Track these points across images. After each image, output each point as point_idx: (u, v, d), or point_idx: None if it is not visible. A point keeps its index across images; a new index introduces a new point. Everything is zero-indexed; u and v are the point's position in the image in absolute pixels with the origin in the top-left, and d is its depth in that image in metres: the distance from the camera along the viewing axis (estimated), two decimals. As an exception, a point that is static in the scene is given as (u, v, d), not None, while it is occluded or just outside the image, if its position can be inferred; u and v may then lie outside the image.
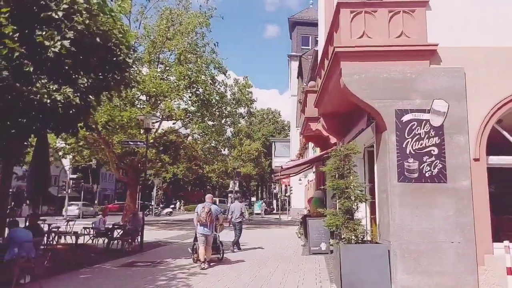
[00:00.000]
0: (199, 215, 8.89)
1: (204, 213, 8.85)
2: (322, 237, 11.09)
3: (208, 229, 8.92)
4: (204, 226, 8.88)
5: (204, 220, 8.80)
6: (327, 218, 6.92)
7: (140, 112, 18.83)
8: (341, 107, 8.81)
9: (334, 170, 6.90)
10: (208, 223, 8.84)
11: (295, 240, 15.67)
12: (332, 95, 8.00)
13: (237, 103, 25.38)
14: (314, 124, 11.49)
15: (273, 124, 62.78)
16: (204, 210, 8.90)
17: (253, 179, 60.23)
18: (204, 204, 9.16)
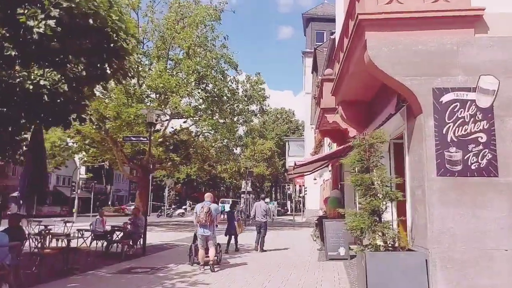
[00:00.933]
0: (198, 215, 8.35)
1: (203, 213, 8.29)
2: (341, 241, 9.96)
3: (209, 230, 8.39)
4: (204, 227, 8.36)
5: (203, 221, 8.26)
6: (348, 220, 5.82)
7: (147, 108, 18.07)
8: (364, 92, 7.71)
9: (356, 162, 5.80)
10: (208, 224, 8.30)
11: (310, 243, 14.56)
12: (353, 77, 6.91)
13: (249, 100, 24.42)
14: (331, 116, 10.39)
15: (287, 124, 61.57)
16: (203, 210, 8.34)
17: (266, 180, 59.08)
18: (203, 203, 8.58)
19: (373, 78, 6.01)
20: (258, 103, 25.08)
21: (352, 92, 7.88)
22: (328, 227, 10.14)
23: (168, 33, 19.75)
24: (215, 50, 20.63)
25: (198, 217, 8.34)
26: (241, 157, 29.51)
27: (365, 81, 6.73)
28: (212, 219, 8.33)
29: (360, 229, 5.41)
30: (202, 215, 8.27)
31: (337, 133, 12.53)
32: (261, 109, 25.58)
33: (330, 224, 10.16)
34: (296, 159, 18.12)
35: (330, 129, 12.68)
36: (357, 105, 8.39)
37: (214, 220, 8.44)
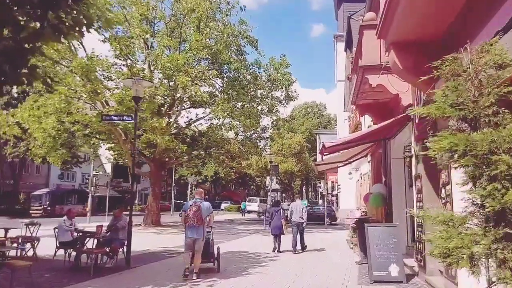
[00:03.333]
0: (186, 215, 7.31)
1: (192, 212, 7.24)
2: (392, 255, 6.88)
3: (197, 231, 7.28)
4: (192, 228, 7.26)
5: (192, 221, 7.22)
6: (432, 236, 2.76)
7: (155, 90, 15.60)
8: (432, 22, 4.66)
9: (449, 110, 2.73)
10: (197, 224, 7.22)
11: (345, 251, 11.52)
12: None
13: (273, 85, 21.54)
14: (374, 77, 7.34)
15: (318, 118, 58.04)
16: (192, 208, 7.29)
17: (296, 177, 55.81)
18: (193, 200, 7.57)
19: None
20: (284, 88, 22.18)
21: (412, 23, 4.86)
22: (372, 235, 7.10)
23: (176, 6, 17.23)
24: (231, 25, 17.89)
25: (186, 217, 7.25)
26: (266, 151, 26.54)
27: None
28: (201, 218, 7.20)
29: (469, 255, 2.38)
30: (191, 215, 7.19)
31: (382, 107, 9.43)
32: (287, 95, 22.64)
33: (376, 231, 7.12)
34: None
35: (372, 102, 9.60)
36: (418, 46, 5.33)
37: (204, 221, 7.27)
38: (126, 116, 9.61)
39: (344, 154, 12.65)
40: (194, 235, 7.24)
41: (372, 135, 8.14)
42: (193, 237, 7.24)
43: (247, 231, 20.35)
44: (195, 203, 7.35)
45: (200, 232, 7.28)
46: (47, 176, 44.57)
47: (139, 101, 9.24)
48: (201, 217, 7.21)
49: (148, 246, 12.36)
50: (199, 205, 7.29)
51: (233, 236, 17.19)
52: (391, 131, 8.56)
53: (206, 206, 7.40)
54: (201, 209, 7.23)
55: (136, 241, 14.17)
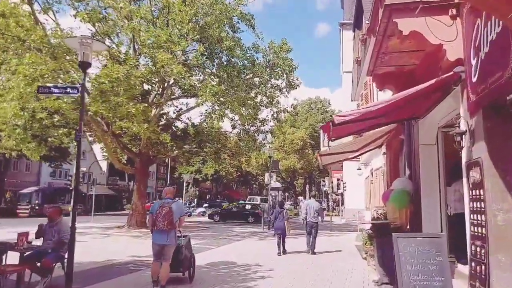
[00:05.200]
0: (154, 217, 6.28)
1: (161, 214, 6.22)
2: (436, 282, 4.57)
3: (167, 237, 6.25)
4: (161, 233, 6.24)
5: (161, 225, 6.18)
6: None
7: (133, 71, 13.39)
8: None
9: None
10: (167, 228, 6.18)
11: (357, 263, 9.25)
12: None
13: (272, 71, 19.28)
14: (407, 22, 5.05)
15: (322, 114, 55.52)
16: (162, 210, 6.26)
17: (299, 175, 53.37)
18: (162, 201, 6.53)
19: None
20: (284, 76, 19.92)
21: None
22: (404, 250, 4.80)
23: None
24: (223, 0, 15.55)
25: (153, 219, 6.27)
26: (266, 146, 24.25)
27: None
28: (173, 222, 6.22)
29: None
30: (159, 217, 6.20)
31: (408, 76, 7.14)
32: (288, 83, 20.37)
33: (410, 245, 4.83)
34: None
35: (395, 71, 7.31)
36: None
37: (175, 224, 6.27)
38: (70, 88, 7.41)
39: (354, 143, 10.36)
40: (163, 241, 6.24)
41: (398, 108, 5.82)
42: (162, 243, 6.25)
43: (242, 233, 18.12)
44: (165, 203, 6.33)
45: (171, 237, 6.30)
46: (38, 174, 42.57)
47: (88, 68, 6.99)
48: (172, 220, 6.20)
49: (115, 255, 10.17)
50: (170, 206, 6.29)
51: (225, 240, 14.96)
52: (423, 103, 6.26)
53: (177, 206, 6.43)
54: (172, 211, 6.21)
55: (104, 248, 12.02)
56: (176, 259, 6.67)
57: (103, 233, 16.49)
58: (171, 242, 6.29)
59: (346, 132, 6.97)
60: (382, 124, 7.51)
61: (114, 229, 18.23)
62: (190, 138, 21.31)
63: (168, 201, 6.40)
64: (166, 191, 6.80)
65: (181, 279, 7.01)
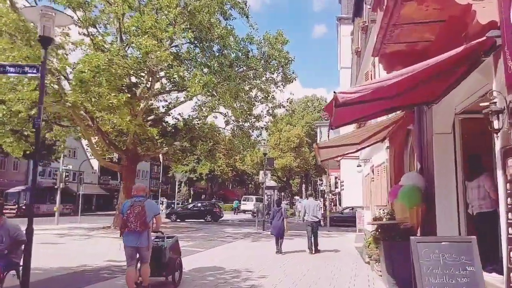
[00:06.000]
0: (125, 217, 5.59)
1: (133, 214, 5.54)
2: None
3: (140, 239, 5.59)
4: (133, 235, 5.57)
5: (133, 226, 5.51)
6: None
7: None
8: None
9: None
10: (140, 229, 5.52)
11: (357, 266, 8.32)
12: None
13: (267, 62, 18.33)
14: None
15: (319, 112, 54.55)
16: (133, 209, 5.58)
17: (295, 174, 52.34)
18: (133, 199, 5.76)
19: None
20: (280, 70, 18.98)
21: None
22: (426, 257, 3.83)
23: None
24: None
25: (124, 220, 5.63)
26: (261, 143, 23.29)
27: None
28: (146, 223, 5.59)
29: None
30: (131, 217, 5.54)
31: (421, 55, 6.17)
32: (284, 76, 19.42)
33: (433, 251, 3.85)
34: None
35: (406, 49, 6.36)
36: None
37: (148, 224, 5.66)
38: (29, 67, 6.37)
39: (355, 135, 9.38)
40: (135, 243, 5.65)
41: (413, 85, 4.85)
42: (134, 246, 5.67)
43: (235, 234, 17.13)
44: (137, 202, 5.70)
45: (144, 239, 5.68)
46: (26, 173, 41.33)
47: (49, 44, 5.99)
48: (145, 220, 5.59)
49: (92, 259, 9.16)
50: (143, 204, 5.67)
51: (216, 242, 13.97)
52: (442, 82, 5.31)
53: (151, 205, 5.86)
54: (145, 210, 5.61)
55: (82, 251, 10.59)
56: (159, 262, 6.16)
57: (86, 234, 15.45)
58: (144, 243, 5.70)
59: (349, 117, 6.00)
60: (390, 109, 6.56)
61: (99, 230, 17.19)
62: (181, 135, 20.34)
63: (140, 199, 5.76)
64: (136, 189, 6.06)
65: (165, 284, 6.40)
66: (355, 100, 4.41)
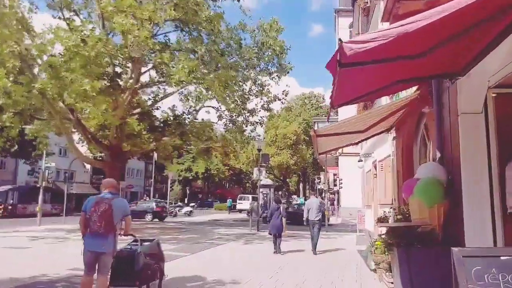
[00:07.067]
0: (88, 217, 4.87)
1: (96, 213, 4.82)
2: None
3: (103, 242, 4.82)
4: (95, 237, 4.81)
5: (96, 226, 4.78)
6: None
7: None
8: None
9: None
10: (103, 231, 4.79)
11: (362, 275, 7.10)
12: None
13: (260, 50, 17.11)
14: None
15: (316, 110, 53.43)
16: (99, 207, 4.86)
17: (293, 172, 51.06)
18: (99, 196, 5.11)
19: None
20: (275, 57, 17.75)
21: None
22: (480, 278, 2.58)
23: None
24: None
25: (85, 219, 4.87)
26: (256, 139, 22.03)
27: None
28: (112, 224, 4.83)
29: None
30: (94, 216, 4.79)
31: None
32: (280, 66, 18.18)
33: (488, 267, 2.60)
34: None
35: (422, 8, 5.09)
36: None
37: (115, 225, 4.89)
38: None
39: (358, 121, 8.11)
40: (98, 248, 4.88)
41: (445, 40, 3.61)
42: (95, 251, 4.90)
43: (227, 235, 15.87)
44: (103, 199, 4.98)
45: (109, 243, 4.91)
46: (14, 172, 39.97)
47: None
48: (111, 220, 4.88)
49: (53, 267, 7.86)
50: (110, 202, 4.92)
51: (204, 244, 12.70)
52: (476, 42, 4.06)
53: (119, 204, 5.04)
54: (112, 209, 4.88)
55: (47, 257, 8.88)
56: (131, 269, 5.27)
57: (62, 237, 14.15)
58: (108, 249, 4.91)
59: (354, 92, 4.73)
60: (404, 82, 5.27)
61: (79, 232, 15.87)
62: (170, 130, 19.09)
63: (108, 196, 5.01)
64: (106, 184, 5.26)
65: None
66: (367, 55, 3.13)
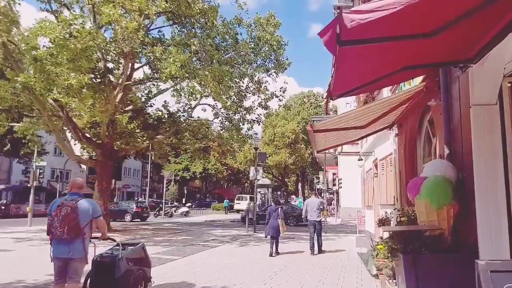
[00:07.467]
0: (50, 220, 4.50)
1: (59, 216, 4.40)
2: None
3: (71, 248, 4.42)
4: (60, 243, 4.43)
5: (58, 232, 4.36)
6: None
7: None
8: None
9: None
10: (68, 237, 4.37)
11: (363, 280, 6.58)
12: None
13: (257, 45, 16.60)
14: None
15: (315, 108, 52.91)
16: (61, 210, 4.41)
17: (291, 172, 50.51)
18: (64, 198, 4.66)
19: None
20: (272, 53, 17.25)
21: None
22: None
23: None
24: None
25: (48, 224, 4.52)
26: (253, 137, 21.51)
27: None
28: (78, 228, 4.40)
29: None
30: (56, 221, 4.37)
31: None
32: (277, 62, 17.67)
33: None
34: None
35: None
36: None
37: (84, 231, 4.48)
38: None
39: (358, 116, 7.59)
40: (65, 254, 4.46)
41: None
42: (63, 257, 4.48)
43: (222, 237, 15.34)
44: (67, 201, 4.52)
45: (77, 248, 4.47)
46: (8, 172, 39.43)
47: None
48: (76, 224, 4.41)
49: (30, 273, 7.33)
50: (74, 205, 4.50)
51: (197, 247, 12.17)
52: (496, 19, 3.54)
53: (87, 206, 4.61)
54: (77, 212, 4.45)
55: (29, 260, 8.16)
56: (110, 277, 4.88)
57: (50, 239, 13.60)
58: (76, 255, 4.48)
59: (355, 79, 4.21)
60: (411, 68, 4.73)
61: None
62: (163, 128, 18.56)
63: (73, 198, 4.60)
64: (72, 184, 4.84)
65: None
66: (372, 28, 2.61)
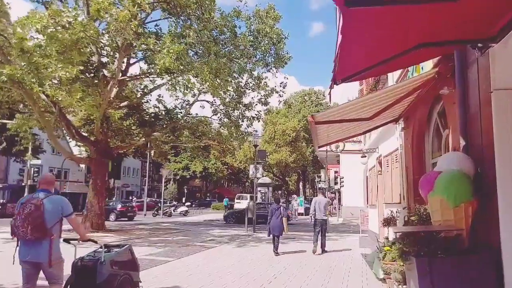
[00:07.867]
0: (14, 220, 4.06)
1: (21, 216, 3.97)
2: None
3: (37, 250, 3.99)
4: (27, 245, 4.02)
5: (21, 232, 3.96)
6: None
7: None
8: None
9: None
10: (32, 237, 3.94)
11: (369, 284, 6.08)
12: None
13: (256, 39, 16.09)
14: None
15: (316, 106, 52.35)
16: (23, 209, 3.99)
17: (292, 171, 49.96)
18: (30, 195, 4.33)
19: None
20: (272, 46, 16.74)
21: None
22: None
23: None
24: None
25: (11, 224, 4.08)
26: (252, 134, 21.02)
27: None
28: (44, 228, 3.96)
29: None
30: (18, 220, 3.96)
31: None
32: (277, 56, 17.16)
33: None
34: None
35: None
36: None
37: (51, 231, 4.02)
38: None
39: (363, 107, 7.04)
40: (33, 257, 3.98)
41: None
42: (30, 261, 4.00)
43: (220, 237, 14.84)
44: (31, 199, 4.07)
45: (44, 250, 3.95)
46: (5, 171, 38.95)
47: None
48: (40, 224, 3.91)
49: (14, 277, 6.82)
50: (39, 202, 4.00)
51: (193, 248, 11.67)
52: None
53: (55, 203, 4.10)
54: (42, 210, 3.95)
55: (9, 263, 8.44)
56: (92, 281, 4.42)
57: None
58: (44, 257, 3.99)
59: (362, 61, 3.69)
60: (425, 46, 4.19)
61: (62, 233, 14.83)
62: (160, 124, 18.08)
63: (39, 195, 4.14)
64: (41, 181, 4.41)
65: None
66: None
